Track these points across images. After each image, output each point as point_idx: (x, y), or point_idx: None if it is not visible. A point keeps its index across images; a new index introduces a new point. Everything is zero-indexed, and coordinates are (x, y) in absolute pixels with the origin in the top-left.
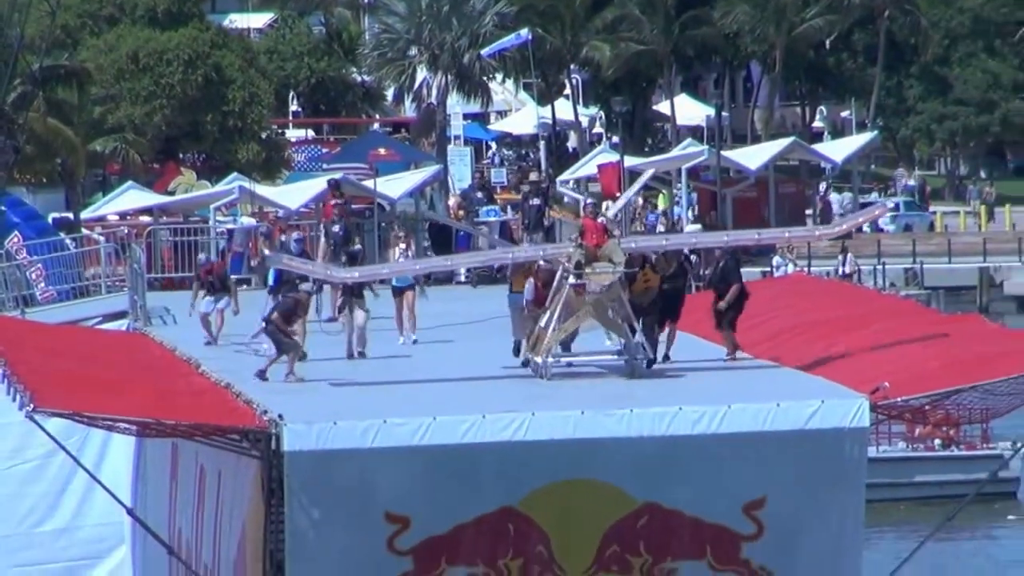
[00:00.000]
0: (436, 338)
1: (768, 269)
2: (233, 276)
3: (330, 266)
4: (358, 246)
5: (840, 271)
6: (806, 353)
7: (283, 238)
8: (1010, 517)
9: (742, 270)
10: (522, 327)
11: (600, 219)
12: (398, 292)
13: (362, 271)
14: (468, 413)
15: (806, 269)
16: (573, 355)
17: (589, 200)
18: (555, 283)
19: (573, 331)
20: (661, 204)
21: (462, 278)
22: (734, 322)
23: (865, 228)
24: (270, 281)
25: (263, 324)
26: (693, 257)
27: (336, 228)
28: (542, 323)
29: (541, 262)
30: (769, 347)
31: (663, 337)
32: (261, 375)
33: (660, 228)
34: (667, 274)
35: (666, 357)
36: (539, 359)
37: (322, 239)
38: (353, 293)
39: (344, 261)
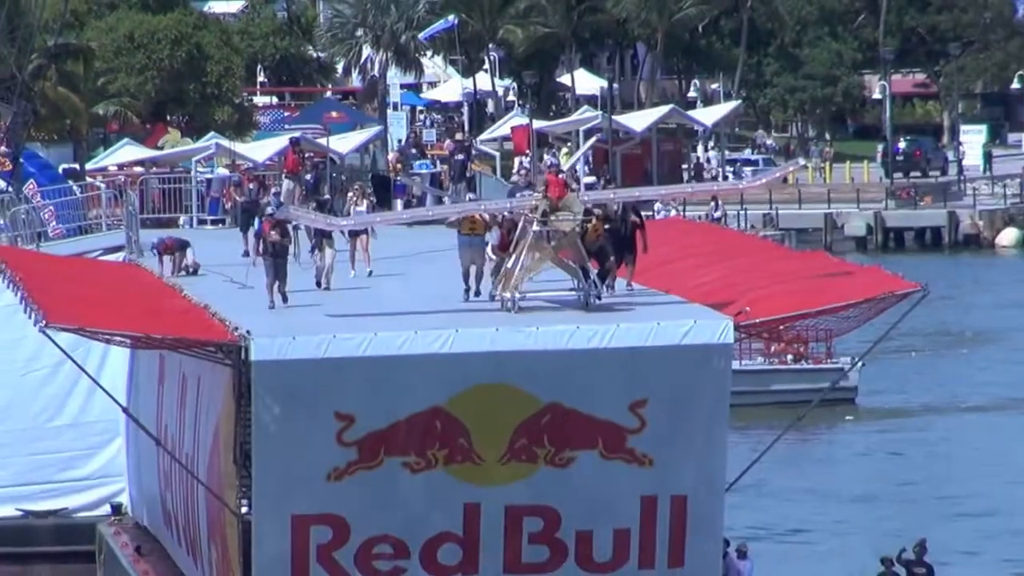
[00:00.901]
0: (386, 270)
1: (650, 213)
2: (210, 217)
3: (330, 217)
4: (327, 196)
5: (711, 216)
6: (684, 282)
7: (251, 186)
8: (848, 418)
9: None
10: (468, 262)
11: (561, 175)
12: (354, 234)
13: (358, 220)
14: (403, 330)
15: (682, 214)
16: (536, 291)
17: (553, 160)
18: (519, 230)
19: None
20: (563, 160)
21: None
22: (634, 258)
23: (731, 176)
24: (255, 226)
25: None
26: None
27: (308, 177)
28: (508, 264)
29: (507, 213)
30: (656, 275)
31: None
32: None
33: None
34: (610, 221)
35: (629, 285)
36: (507, 295)
37: (296, 187)
38: (323, 235)
39: (314, 207)
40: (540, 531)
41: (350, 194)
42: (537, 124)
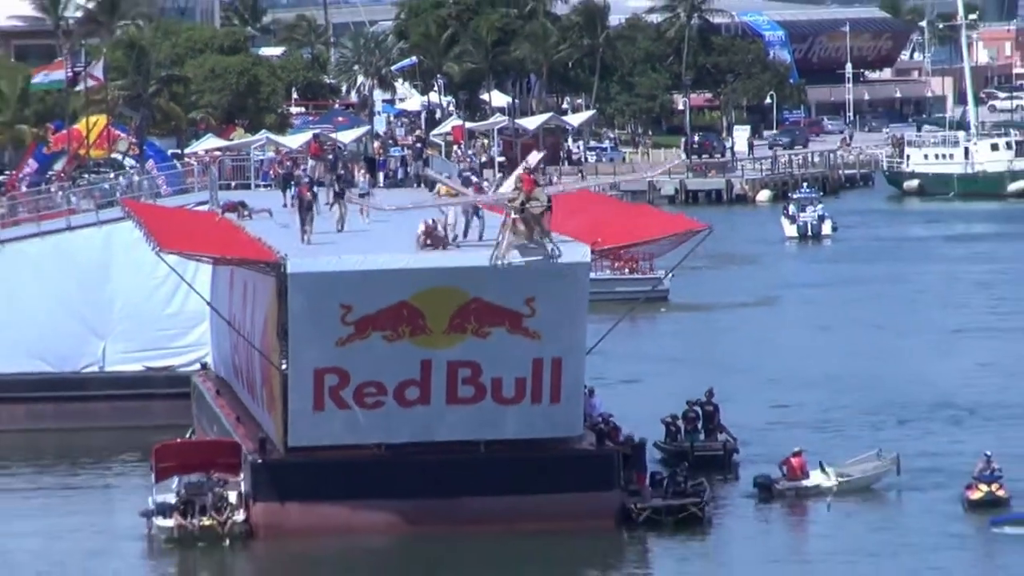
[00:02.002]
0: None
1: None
2: (262, 183)
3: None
4: (342, 171)
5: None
6: (563, 225)
7: (287, 163)
8: (662, 310)
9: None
10: (453, 217)
11: (532, 175)
12: (361, 195)
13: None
14: (382, 254)
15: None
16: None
17: (525, 164)
18: (504, 214)
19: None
20: (482, 150)
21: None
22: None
23: (591, 159)
24: (291, 189)
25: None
26: None
27: (330, 157)
28: (498, 238)
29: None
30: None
31: None
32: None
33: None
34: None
35: None
36: (499, 261)
37: (317, 164)
38: (339, 195)
39: (334, 178)
40: (469, 377)
41: (355, 169)
42: (468, 125)
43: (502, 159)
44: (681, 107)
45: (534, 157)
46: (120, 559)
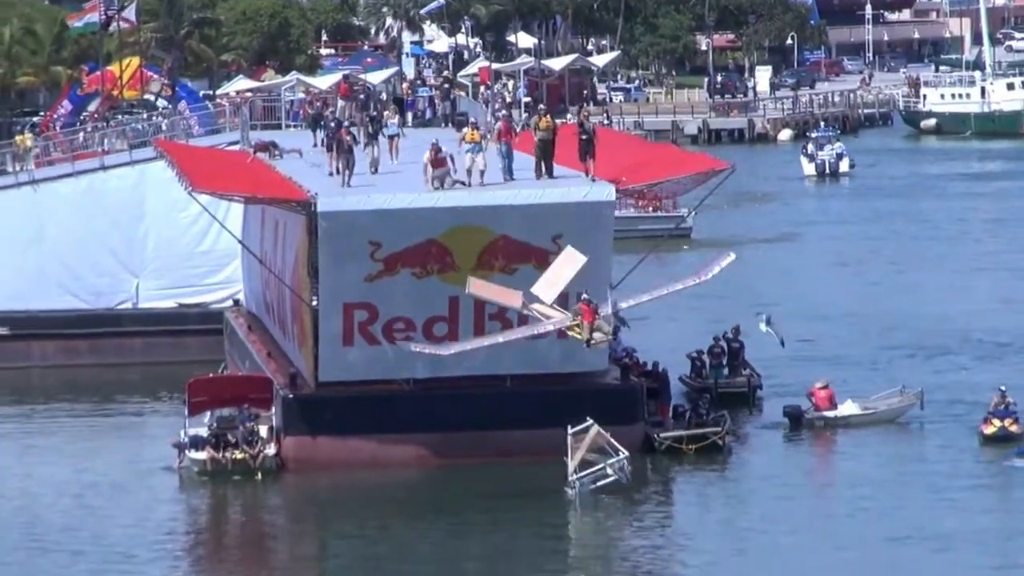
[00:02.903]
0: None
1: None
2: (292, 123)
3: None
4: (375, 112)
5: (603, 123)
6: (602, 165)
7: (317, 104)
8: (684, 247)
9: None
10: (470, 161)
11: (591, 304)
12: (390, 138)
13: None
14: (412, 193)
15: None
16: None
17: (503, 113)
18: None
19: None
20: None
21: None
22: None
23: (616, 100)
24: (320, 128)
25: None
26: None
27: (362, 97)
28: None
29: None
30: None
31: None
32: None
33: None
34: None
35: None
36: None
37: (346, 105)
38: (373, 137)
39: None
40: (496, 313)
41: (386, 112)
42: (495, 66)
43: (527, 99)
44: (704, 48)
45: (569, 265)
46: (153, 491)
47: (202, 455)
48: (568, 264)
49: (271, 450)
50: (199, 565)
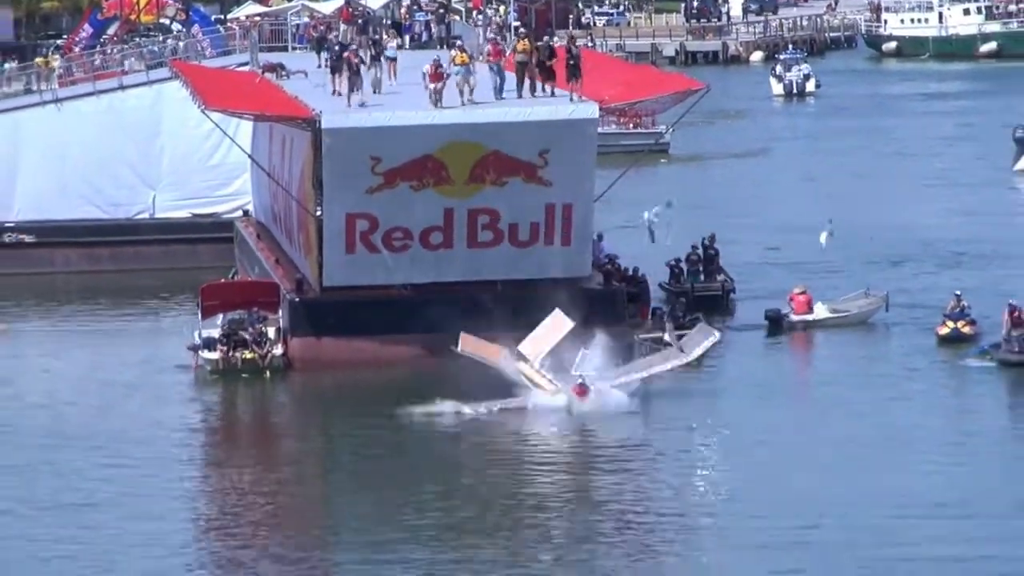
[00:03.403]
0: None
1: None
2: (298, 46)
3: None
4: (376, 35)
5: (588, 45)
6: (587, 85)
7: (321, 27)
8: (662, 161)
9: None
10: (462, 82)
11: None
12: (390, 60)
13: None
14: (409, 110)
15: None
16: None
17: (492, 35)
18: None
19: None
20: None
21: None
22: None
23: (599, 24)
24: (324, 50)
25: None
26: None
27: (360, 22)
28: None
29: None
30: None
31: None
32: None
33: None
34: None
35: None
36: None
37: (348, 28)
38: (375, 58)
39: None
40: (487, 223)
41: (385, 36)
42: None
43: (517, 24)
44: None
45: (557, 330)
46: (169, 388)
47: (214, 355)
48: (556, 328)
49: (278, 350)
50: (211, 457)
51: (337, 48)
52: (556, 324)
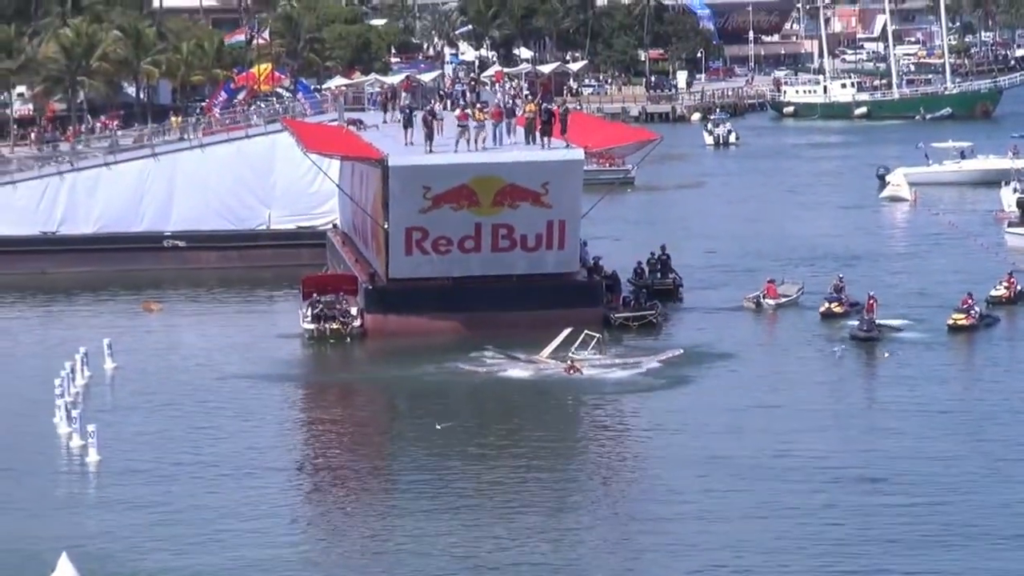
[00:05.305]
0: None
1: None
2: (372, 107)
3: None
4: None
5: (576, 108)
6: (575, 136)
7: (387, 93)
8: (628, 190)
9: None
10: (476, 134)
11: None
12: (439, 120)
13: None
14: (449, 153)
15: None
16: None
17: (496, 100)
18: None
19: None
20: (516, 85)
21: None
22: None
23: (585, 93)
24: (391, 109)
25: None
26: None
27: (415, 86)
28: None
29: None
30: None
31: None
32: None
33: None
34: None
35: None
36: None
37: (408, 95)
38: (431, 114)
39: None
40: (506, 234)
41: (437, 104)
42: (505, 70)
43: (527, 92)
44: (643, 59)
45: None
46: (280, 348)
47: (311, 326)
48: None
49: (357, 323)
50: (306, 398)
51: (407, 111)
52: (563, 334)
